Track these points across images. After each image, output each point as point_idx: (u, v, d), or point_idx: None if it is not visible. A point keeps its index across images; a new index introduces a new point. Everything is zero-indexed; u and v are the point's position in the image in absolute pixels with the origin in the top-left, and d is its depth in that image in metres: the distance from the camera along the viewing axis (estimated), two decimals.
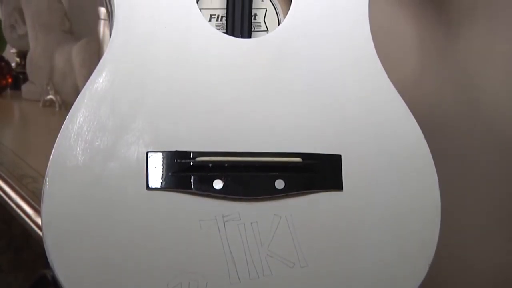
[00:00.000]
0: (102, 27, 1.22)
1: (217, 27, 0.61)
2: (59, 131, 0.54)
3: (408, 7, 0.88)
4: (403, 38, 0.89)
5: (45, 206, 0.53)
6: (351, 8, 0.59)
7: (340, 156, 0.57)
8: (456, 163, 0.80)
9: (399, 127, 0.58)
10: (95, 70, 0.55)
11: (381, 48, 0.61)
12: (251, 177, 0.56)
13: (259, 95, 0.57)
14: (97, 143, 0.54)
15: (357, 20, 0.59)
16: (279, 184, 0.56)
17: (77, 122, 0.53)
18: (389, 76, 0.59)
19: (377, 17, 0.89)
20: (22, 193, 0.83)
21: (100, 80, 0.54)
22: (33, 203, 0.80)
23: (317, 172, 0.57)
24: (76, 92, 1.28)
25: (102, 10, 1.20)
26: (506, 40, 0.75)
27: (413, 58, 0.88)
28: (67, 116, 0.54)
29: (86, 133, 0.53)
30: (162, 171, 0.54)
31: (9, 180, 0.87)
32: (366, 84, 0.58)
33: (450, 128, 0.82)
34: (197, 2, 0.58)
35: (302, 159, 0.56)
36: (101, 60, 0.55)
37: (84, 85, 0.55)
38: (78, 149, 0.53)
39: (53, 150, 0.53)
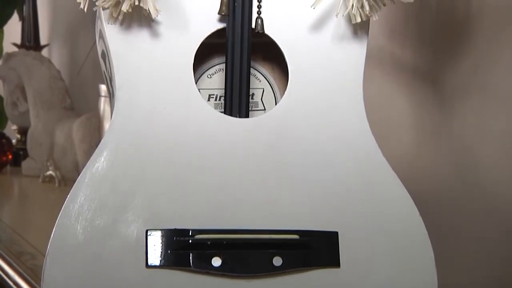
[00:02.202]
0: (103, 103, 1.23)
1: (216, 106, 0.62)
2: (58, 207, 0.54)
3: (403, 84, 0.90)
4: (398, 114, 0.91)
5: (45, 284, 0.53)
6: (346, 88, 0.60)
7: (337, 233, 0.57)
8: (453, 240, 0.80)
9: (395, 206, 0.59)
10: (96, 150, 0.56)
11: (377, 125, 0.63)
12: (249, 254, 0.56)
13: (257, 174, 0.58)
14: (97, 222, 0.54)
15: (352, 100, 0.60)
16: (277, 261, 0.56)
17: (78, 201, 0.54)
18: (385, 153, 0.60)
19: (373, 94, 0.91)
20: (21, 270, 0.83)
21: (101, 159, 0.55)
22: (31, 281, 0.79)
23: (315, 249, 0.57)
24: (76, 168, 1.29)
25: (103, 87, 1.22)
26: (500, 116, 0.76)
27: (409, 135, 0.89)
28: (68, 195, 0.54)
29: (87, 211, 0.54)
30: (161, 249, 0.55)
31: (6, 257, 0.87)
32: (361, 163, 0.59)
33: (446, 204, 0.82)
34: (196, 83, 0.59)
35: (300, 236, 0.57)
36: (102, 140, 0.56)
37: (84, 160, 0.56)
38: (78, 227, 0.54)
39: (53, 229, 0.54)
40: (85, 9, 0.57)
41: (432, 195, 0.83)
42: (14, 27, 1.67)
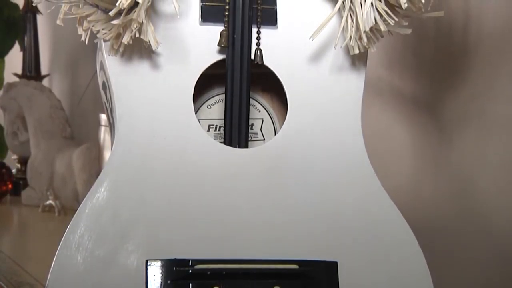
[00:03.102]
0: (103, 133, 1.24)
1: (215, 137, 0.63)
2: (58, 237, 0.55)
3: (402, 113, 0.90)
4: (397, 144, 0.91)
5: None
6: (344, 118, 0.60)
7: (336, 262, 0.58)
8: (452, 269, 0.80)
9: (394, 235, 0.59)
10: (97, 180, 0.56)
11: (376, 154, 0.63)
12: (249, 284, 0.56)
13: (256, 204, 0.58)
14: (97, 252, 0.54)
15: (350, 130, 0.60)
16: None
17: (79, 231, 0.54)
18: (384, 182, 0.60)
19: (372, 123, 0.91)
20: None
21: (101, 189, 0.56)
22: None
23: (314, 279, 0.57)
24: (76, 197, 1.29)
25: (103, 116, 1.23)
26: (498, 145, 0.76)
27: (408, 164, 0.89)
28: (69, 226, 0.55)
29: (87, 242, 0.54)
30: (161, 279, 0.55)
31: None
32: (360, 192, 0.59)
33: (445, 233, 0.82)
34: (196, 113, 0.60)
35: (299, 266, 0.57)
36: (103, 171, 0.56)
37: (84, 190, 0.56)
38: (79, 258, 0.54)
39: (54, 260, 0.54)
40: (86, 41, 0.57)
41: (431, 224, 0.83)
42: (15, 57, 1.68)
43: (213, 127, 0.63)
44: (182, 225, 0.56)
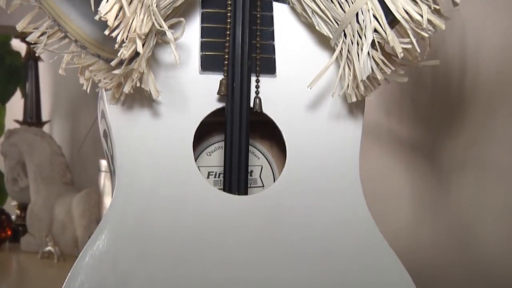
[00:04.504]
0: (103, 178, 1.24)
1: (215, 184, 0.63)
2: (57, 284, 0.55)
3: (401, 158, 0.91)
4: (396, 189, 0.91)
5: None
6: (342, 165, 0.61)
7: None
8: None
9: (393, 282, 0.59)
10: (98, 228, 0.56)
11: (375, 199, 0.63)
12: None
13: (255, 251, 0.58)
14: None
15: (348, 176, 0.61)
16: None
17: (79, 279, 0.54)
18: (383, 227, 0.60)
19: (371, 168, 0.92)
20: None
21: (102, 237, 0.56)
22: None
23: None
24: (76, 243, 1.29)
25: (103, 162, 1.23)
26: (496, 190, 0.76)
27: (407, 209, 0.89)
28: (69, 274, 0.55)
29: None
30: None
31: None
32: (358, 239, 0.60)
33: (445, 280, 0.82)
34: (195, 160, 0.60)
35: None
36: (103, 218, 0.57)
37: (83, 236, 0.56)
38: None
39: None
40: (88, 90, 0.58)
41: (431, 270, 0.83)
42: (16, 104, 1.69)
43: (212, 174, 0.64)
44: (181, 272, 0.56)
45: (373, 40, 0.56)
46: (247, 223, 0.58)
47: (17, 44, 1.66)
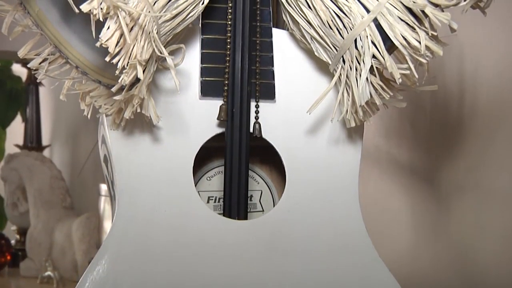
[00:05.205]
0: (103, 203, 1.24)
1: (215, 208, 0.63)
2: None
3: (400, 182, 0.91)
4: (396, 212, 0.91)
5: None
6: (342, 189, 0.61)
7: None
8: None
9: None
10: (98, 253, 0.56)
11: (374, 223, 0.63)
12: None
13: (256, 275, 0.58)
14: None
15: (348, 200, 0.61)
16: None
17: None
18: (382, 251, 0.60)
19: (370, 192, 0.92)
20: None
21: (102, 262, 0.56)
22: None
23: None
24: (75, 267, 1.29)
25: (103, 186, 1.23)
26: (496, 213, 0.76)
27: (407, 233, 0.89)
28: None
29: None
30: None
31: None
32: (357, 263, 0.60)
33: None
34: (195, 185, 0.60)
35: None
36: (103, 243, 0.57)
37: (83, 260, 0.56)
38: None
39: None
40: (89, 116, 0.59)
41: None
42: (17, 128, 1.69)
43: (212, 199, 0.64)
44: None
45: (372, 66, 0.56)
46: (247, 248, 0.58)
47: (18, 69, 1.67)
